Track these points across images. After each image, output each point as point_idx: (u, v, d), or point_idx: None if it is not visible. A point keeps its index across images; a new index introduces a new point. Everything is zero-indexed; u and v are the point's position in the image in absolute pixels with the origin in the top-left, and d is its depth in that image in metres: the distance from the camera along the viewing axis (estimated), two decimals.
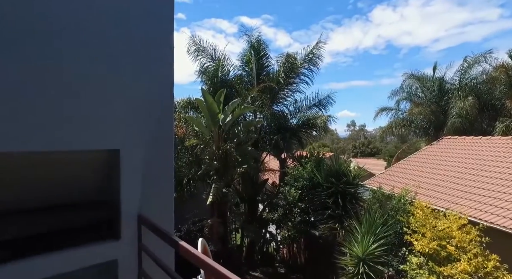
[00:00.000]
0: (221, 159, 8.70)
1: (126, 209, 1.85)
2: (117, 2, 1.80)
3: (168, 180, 2.03)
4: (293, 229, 9.55)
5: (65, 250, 1.69)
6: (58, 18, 1.60)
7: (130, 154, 1.85)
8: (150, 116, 1.93)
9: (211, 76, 11.60)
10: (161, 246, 1.90)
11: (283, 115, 12.34)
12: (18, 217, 1.73)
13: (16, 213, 1.79)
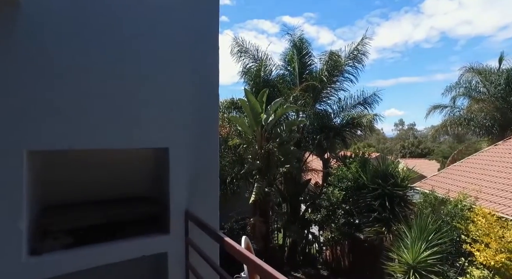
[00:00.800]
0: (263, 158, 8.78)
1: (174, 205, 1.96)
2: (165, 5, 1.92)
3: (214, 177, 2.12)
4: (336, 231, 9.30)
5: (121, 240, 1.84)
6: (119, 25, 1.77)
7: (178, 152, 1.97)
8: (197, 115, 2.03)
9: (254, 77, 11.75)
10: (206, 241, 1.99)
11: (326, 115, 12.06)
12: (81, 209, 1.93)
13: (79, 205, 2.01)
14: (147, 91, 1.86)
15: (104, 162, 2.16)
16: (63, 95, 1.62)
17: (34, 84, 1.54)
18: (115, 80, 1.76)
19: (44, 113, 1.57)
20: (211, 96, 2.10)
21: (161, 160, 2.07)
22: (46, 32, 1.57)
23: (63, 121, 1.61)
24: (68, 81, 1.63)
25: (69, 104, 1.63)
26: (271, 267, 1.15)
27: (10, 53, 1.49)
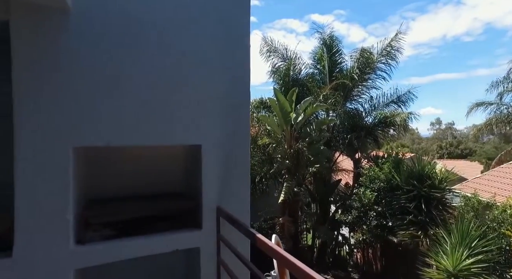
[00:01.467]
0: (293, 157, 8.71)
1: (206, 201, 2.01)
2: (199, 6, 1.97)
3: (245, 175, 2.14)
4: (368, 233, 8.98)
5: (156, 234, 1.91)
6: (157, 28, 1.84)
7: (210, 150, 2.01)
8: (229, 114, 2.06)
9: (283, 76, 11.69)
10: (238, 237, 2.01)
11: (358, 113, 11.70)
12: (119, 203, 2.03)
13: (118, 199, 2.12)
14: (181, 90, 1.92)
15: (141, 159, 2.26)
16: (102, 96, 1.71)
17: (78, 88, 1.65)
18: (151, 80, 1.83)
19: (87, 113, 1.67)
20: (243, 94, 2.12)
21: (194, 157, 2.13)
22: (91, 38, 1.67)
23: (102, 120, 1.71)
24: (108, 83, 1.72)
25: (108, 104, 1.72)
26: (303, 263, 1.14)
27: (58, 60, 1.61)
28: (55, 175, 1.61)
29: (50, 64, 1.58)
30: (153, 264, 2.28)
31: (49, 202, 1.60)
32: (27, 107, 1.54)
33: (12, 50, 1.51)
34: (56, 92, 1.60)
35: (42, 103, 1.57)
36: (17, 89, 1.53)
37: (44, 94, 1.58)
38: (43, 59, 1.57)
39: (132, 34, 1.77)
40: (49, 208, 1.60)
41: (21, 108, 1.54)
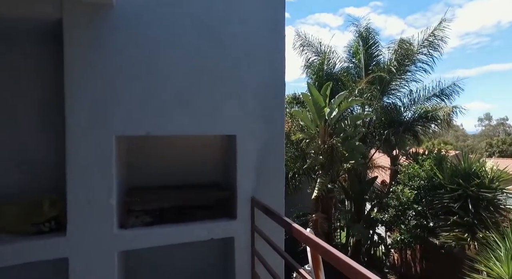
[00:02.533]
0: (326, 153, 8.52)
1: (241, 192, 2.03)
2: None
3: (279, 166, 2.13)
4: (406, 233, 8.53)
5: (192, 223, 1.97)
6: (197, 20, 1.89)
7: (245, 140, 2.02)
8: (264, 105, 2.06)
9: (317, 70, 11.45)
10: (272, 228, 2.02)
11: (395, 108, 11.13)
12: (158, 192, 2.11)
13: (156, 188, 2.20)
14: (220, 82, 1.95)
15: (178, 150, 2.34)
16: (144, 87, 1.79)
17: (121, 80, 1.74)
18: (191, 72, 1.88)
19: (129, 103, 1.76)
20: (278, 86, 2.11)
21: (229, 147, 2.16)
22: (134, 32, 1.76)
23: (143, 110, 1.79)
24: (149, 75, 1.80)
25: (149, 95, 1.80)
26: (341, 253, 1.11)
27: (104, 54, 1.71)
28: (100, 162, 1.71)
29: (97, 58, 1.69)
30: (189, 251, 2.35)
31: (95, 187, 1.71)
32: (76, 97, 1.66)
33: (64, 44, 1.63)
34: (102, 83, 1.70)
35: (90, 93, 1.68)
36: (68, 81, 1.65)
37: (91, 86, 1.69)
38: (91, 53, 1.67)
39: (173, 28, 1.83)
40: (95, 193, 1.71)
41: (72, 99, 1.66)
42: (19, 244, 1.60)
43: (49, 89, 1.90)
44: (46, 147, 1.93)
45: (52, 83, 1.87)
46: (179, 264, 2.34)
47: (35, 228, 1.67)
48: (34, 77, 1.91)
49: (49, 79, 1.89)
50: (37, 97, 1.92)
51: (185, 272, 2.35)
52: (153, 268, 2.26)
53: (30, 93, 1.91)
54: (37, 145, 1.93)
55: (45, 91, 1.92)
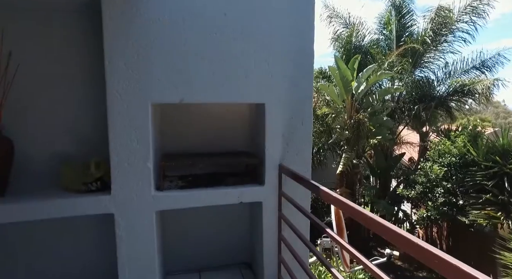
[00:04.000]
0: (353, 128, 8.40)
1: (269, 159, 2.09)
2: None
3: (307, 135, 2.16)
4: (433, 210, 8.40)
5: (223, 188, 2.08)
6: None
7: (274, 109, 2.06)
8: (293, 74, 2.07)
9: (344, 43, 11.03)
10: (299, 193, 2.09)
11: (428, 82, 10.58)
12: (190, 158, 2.22)
13: (188, 155, 2.32)
14: (249, 48, 1.97)
15: (208, 118, 2.42)
16: (178, 56, 1.85)
17: (157, 49, 1.81)
18: (222, 40, 1.91)
19: (163, 71, 1.83)
20: (307, 55, 2.09)
21: (258, 116, 2.21)
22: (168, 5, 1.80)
23: (177, 78, 1.86)
24: (182, 45, 1.85)
25: (183, 63, 1.86)
26: (367, 211, 1.16)
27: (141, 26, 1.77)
28: (137, 128, 1.83)
29: (134, 27, 1.76)
30: (220, 214, 2.50)
31: (134, 152, 1.84)
32: (115, 67, 1.76)
33: (103, 15, 1.71)
34: (138, 52, 1.78)
35: (127, 63, 1.77)
36: (107, 51, 1.74)
37: (128, 55, 1.77)
38: (128, 22, 1.75)
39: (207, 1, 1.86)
40: (134, 157, 1.84)
41: (111, 68, 1.75)
42: (75, 199, 1.79)
43: (91, 60, 2.01)
44: (91, 115, 2.07)
45: (93, 54, 1.98)
46: (208, 224, 2.50)
47: (85, 187, 1.85)
48: (76, 49, 2.02)
49: (91, 50, 2.00)
50: (80, 68, 2.05)
51: (213, 233, 2.52)
52: (184, 226, 2.44)
53: (74, 65, 2.04)
54: (83, 113, 2.07)
55: (87, 62, 2.03)
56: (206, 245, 2.52)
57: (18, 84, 1.85)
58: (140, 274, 1.93)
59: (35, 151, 2.01)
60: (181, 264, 2.46)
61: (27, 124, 1.98)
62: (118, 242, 1.88)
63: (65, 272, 2.19)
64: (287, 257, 2.12)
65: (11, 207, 1.70)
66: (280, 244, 2.16)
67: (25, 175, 1.96)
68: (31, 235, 2.11)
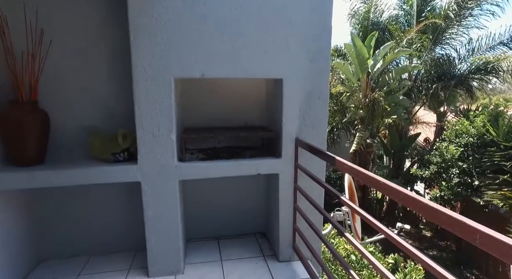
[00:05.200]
0: (367, 107, 8.29)
1: (286, 133, 2.16)
2: None
3: (323, 109, 2.21)
4: (447, 190, 8.35)
5: (241, 160, 2.17)
6: None
7: (291, 83, 2.10)
8: (311, 48, 2.09)
9: (362, 20, 10.66)
10: (314, 166, 2.17)
11: (448, 60, 10.15)
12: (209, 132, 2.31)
13: (208, 129, 2.41)
14: (268, 24, 1.99)
15: (226, 94, 2.49)
16: (200, 31, 1.90)
17: (179, 25, 1.86)
18: (242, 17, 1.94)
19: (184, 45, 1.89)
20: (325, 28, 2.10)
21: (275, 91, 2.26)
22: None
23: (198, 53, 1.92)
24: (205, 21, 1.90)
25: (204, 39, 1.91)
26: (380, 177, 1.23)
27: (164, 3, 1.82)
28: (161, 101, 1.92)
29: (157, 6, 1.82)
30: (237, 185, 2.63)
31: (158, 124, 1.95)
32: (140, 43, 1.83)
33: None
34: (162, 28, 1.85)
35: (152, 39, 1.84)
36: (132, 29, 1.81)
37: (153, 31, 1.84)
38: (151, 2, 1.80)
39: None
40: (159, 129, 1.95)
41: (136, 44, 1.83)
42: (105, 168, 1.94)
43: (117, 36, 2.09)
44: (118, 89, 2.18)
45: (119, 31, 2.05)
46: (226, 195, 2.64)
47: (113, 157, 1.99)
48: (103, 25, 2.09)
49: (117, 26, 2.06)
50: (107, 44, 2.12)
51: (230, 203, 2.66)
52: (203, 197, 2.58)
53: (101, 41, 2.12)
54: (110, 87, 2.18)
55: (113, 39, 2.11)
56: (224, 215, 2.67)
57: (50, 60, 1.96)
58: (165, 238, 2.09)
59: (67, 123, 2.15)
60: (200, 232, 2.63)
61: (60, 98, 2.11)
62: (145, 208, 2.03)
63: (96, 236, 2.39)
64: (301, 226, 2.24)
65: (50, 173, 1.86)
66: (296, 213, 2.27)
67: (59, 145, 2.11)
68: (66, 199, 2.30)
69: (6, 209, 1.94)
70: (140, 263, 2.25)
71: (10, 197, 1.97)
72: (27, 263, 2.16)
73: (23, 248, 2.13)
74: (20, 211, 2.09)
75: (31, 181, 1.84)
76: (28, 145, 1.84)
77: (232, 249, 2.49)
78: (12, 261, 2.01)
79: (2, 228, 1.90)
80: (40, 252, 2.28)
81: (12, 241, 2.00)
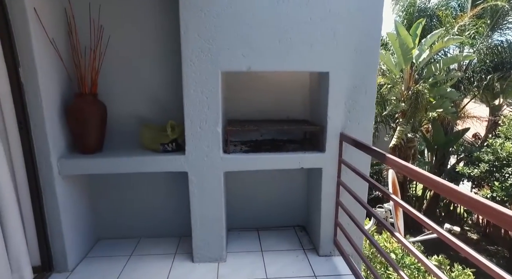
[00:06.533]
0: (410, 100, 7.86)
1: (330, 127, 2.13)
2: None
3: (370, 104, 2.13)
4: (500, 191, 7.72)
5: (284, 153, 2.18)
6: None
7: (338, 77, 2.05)
8: (359, 41, 2.01)
9: (407, 6, 10.02)
10: (358, 161, 2.11)
11: (509, 47, 9.21)
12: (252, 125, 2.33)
13: (251, 121, 2.44)
14: (315, 16, 1.95)
15: (270, 87, 2.50)
16: (246, 23, 1.91)
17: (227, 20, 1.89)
18: (287, 6, 1.92)
19: (232, 39, 1.92)
20: (374, 20, 2.01)
21: (320, 84, 2.22)
22: None
23: (245, 47, 1.94)
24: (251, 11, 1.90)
25: (250, 31, 1.92)
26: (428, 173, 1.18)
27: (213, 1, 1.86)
28: (208, 94, 1.98)
29: (206, 1, 1.86)
30: (278, 178, 2.65)
31: (205, 116, 2.01)
32: (190, 37, 1.89)
33: None
34: (210, 24, 1.89)
35: (200, 33, 1.89)
36: (183, 24, 1.87)
37: (201, 26, 1.88)
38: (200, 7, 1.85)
39: None
40: (206, 121, 2.02)
41: (186, 38, 1.89)
42: (155, 157, 2.06)
43: (168, 31, 2.17)
44: (168, 82, 2.28)
45: (170, 26, 2.14)
46: (266, 188, 2.67)
47: (162, 147, 2.10)
48: (155, 21, 2.18)
49: (168, 22, 2.15)
50: (158, 39, 2.22)
51: (271, 195, 2.69)
52: (244, 188, 2.64)
53: (153, 37, 2.21)
54: (161, 80, 2.29)
55: (165, 34, 2.20)
56: (264, 206, 2.71)
57: (108, 54, 2.09)
58: (210, 226, 2.18)
59: (121, 114, 2.29)
60: (241, 222, 2.70)
61: (115, 91, 2.25)
62: (191, 197, 2.12)
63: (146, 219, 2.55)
64: (343, 221, 2.21)
65: (108, 160, 2.01)
66: (338, 208, 2.25)
67: (114, 134, 2.27)
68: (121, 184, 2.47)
69: (72, 191, 2.14)
70: (185, 248, 2.37)
71: (75, 181, 2.16)
72: (88, 241, 2.38)
73: (86, 227, 2.33)
74: (82, 193, 2.29)
75: (92, 167, 2.00)
76: (90, 134, 2.00)
77: (272, 240, 2.53)
78: (79, 239, 2.23)
79: (70, 209, 2.09)
80: (98, 231, 2.49)
81: (77, 220, 2.20)
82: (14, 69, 1.75)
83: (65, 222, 2.02)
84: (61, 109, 1.99)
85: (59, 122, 1.98)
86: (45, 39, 1.83)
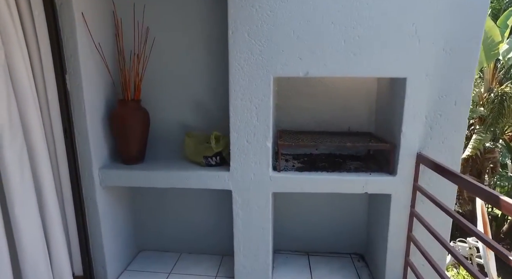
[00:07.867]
0: (492, 104, 6.73)
1: (405, 145, 1.72)
2: None
3: (461, 119, 1.68)
4: None
5: (345, 174, 1.82)
6: None
7: (418, 84, 1.64)
8: (449, 38, 1.58)
9: None
10: (440, 190, 1.69)
11: None
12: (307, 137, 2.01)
13: (306, 133, 2.12)
14: (391, 8, 1.57)
15: (328, 94, 2.15)
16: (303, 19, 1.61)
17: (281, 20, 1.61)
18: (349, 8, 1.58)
19: (287, 39, 1.63)
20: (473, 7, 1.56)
21: (393, 92, 1.83)
22: None
23: (301, 48, 1.63)
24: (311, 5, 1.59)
25: (309, 29, 1.61)
26: None
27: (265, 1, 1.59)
28: (258, 104, 1.72)
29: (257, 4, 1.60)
30: (335, 199, 2.30)
31: (253, 129, 1.76)
32: (239, 37, 1.65)
33: None
34: (263, 21, 1.63)
35: (251, 33, 1.64)
36: (232, 22, 1.64)
37: (252, 25, 1.63)
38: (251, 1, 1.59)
39: None
40: (254, 134, 1.76)
41: (235, 39, 1.65)
42: (198, 172, 1.86)
43: (215, 34, 1.97)
44: (214, 89, 2.08)
45: (217, 28, 1.93)
46: (320, 209, 2.33)
47: (205, 160, 1.90)
48: (202, 23, 1.99)
49: (215, 24, 1.95)
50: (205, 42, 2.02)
51: (325, 218, 2.34)
52: (295, 207, 2.33)
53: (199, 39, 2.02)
54: (207, 87, 2.09)
55: (211, 37, 2.00)
56: (316, 228, 2.38)
57: (151, 59, 1.95)
58: (254, 250, 1.93)
59: (164, 120, 2.15)
60: (289, 243, 2.40)
61: (159, 97, 2.11)
62: (234, 217, 1.90)
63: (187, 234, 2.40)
64: (416, 261, 1.79)
65: (149, 174, 1.88)
66: (409, 244, 1.83)
67: (156, 142, 2.14)
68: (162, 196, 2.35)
69: (114, 202, 2.06)
70: (227, 271, 2.16)
71: (116, 191, 2.08)
72: (129, 253, 2.31)
73: (127, 239, 2.26)
74: (124, 204, 2.21)
75: (132, 180, 1.89)
76: (132, 142, 1.90)
77: (325, 269, 2.20)
78: (120, 250, 2.16)
79: (110, 220, 2.02)
80: (139, 242, 2.41)
81: (118, 231, 2.13)
82: (62, 76, 1.70)
83: (105, 233, 1.95)
84: (104, 117, 1.91)
85: (102, 130, 1.90)
86: (90, 44, 1.74)
